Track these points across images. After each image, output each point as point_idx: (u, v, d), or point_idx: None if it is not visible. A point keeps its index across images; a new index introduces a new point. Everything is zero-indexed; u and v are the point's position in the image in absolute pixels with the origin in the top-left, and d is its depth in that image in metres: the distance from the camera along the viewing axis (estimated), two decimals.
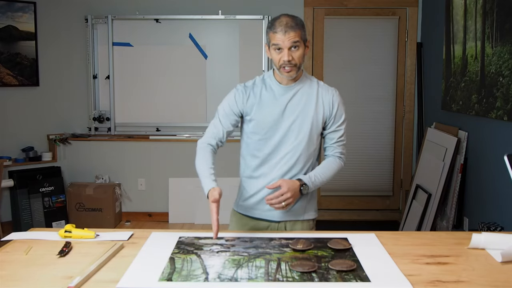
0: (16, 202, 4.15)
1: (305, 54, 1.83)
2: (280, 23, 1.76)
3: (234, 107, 1.89)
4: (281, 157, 1.86)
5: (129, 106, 4.52)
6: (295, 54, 1.77)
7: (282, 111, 1.85)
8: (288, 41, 1.75)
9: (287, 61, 1.76)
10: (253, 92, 1.88)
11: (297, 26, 1.76)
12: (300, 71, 1.87)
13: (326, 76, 4.55)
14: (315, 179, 1.82)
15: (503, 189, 2.85)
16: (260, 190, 1.90)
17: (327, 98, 1.89)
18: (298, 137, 1.85)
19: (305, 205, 1.94)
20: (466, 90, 3.30)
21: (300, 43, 1.77)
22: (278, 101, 1.86)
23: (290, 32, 1.74)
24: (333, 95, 1.91)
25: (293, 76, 1.82)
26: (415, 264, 1.49)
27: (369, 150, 4.59)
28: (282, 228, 1.93)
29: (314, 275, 1.40)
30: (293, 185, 1.75)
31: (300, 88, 1.88)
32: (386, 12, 4.48)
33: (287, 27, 1.74)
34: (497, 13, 2.86)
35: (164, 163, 4.57)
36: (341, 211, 4.68)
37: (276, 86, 1.87)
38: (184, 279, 1.37)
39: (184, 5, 4.46)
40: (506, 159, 1.55)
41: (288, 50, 1.76)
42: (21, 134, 4.35)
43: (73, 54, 4.50)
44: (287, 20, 1.76)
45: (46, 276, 1.40)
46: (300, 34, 1.77)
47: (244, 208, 1.96)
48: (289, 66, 1.78)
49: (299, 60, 1.79)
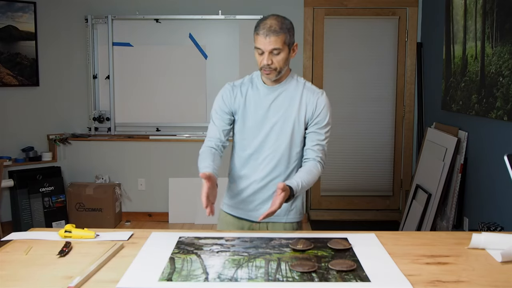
0: (16, 202, 4.15)
1: (290, 57, 1.81)
2: (264, 26, 1.73)
3: (223, 106, 1.90)
4: (263, 158, 1.86)
5: (129, 106, 4.52)
6: (275, 58, 1.76)
7: (265, 112, 1.85)
8: (268, 45, 1.73)
9: (266, 64, 1.76)
10: (240, 91, 1.89)
11: (281, 30, 1.73)
12: (285, 72, 1.84)
13: (326, 76, 4.55)
14: (301, 186, 1.74)
15: (503, 189, 2.85)
16: (244, 190, 1.90)
17: (312, 100, 1.84)
18: (279, 139, 1.84)
19: (287, 207, 1.91)
20: (466, 90, 3.30)
21: (282, 48, 1.74)
22: (262, 102, 1.86)
23: (272, 37, 1.72)
24: (318, 97, 1.84)
25: (273, 79, 1.81)
26: (415, 264, 1.49)
27: (369, 150, 4.59)
28: (264, 228, 1.92)
29: (314, 275, 1.40)
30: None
31: (284, 90, 1.86)
32: (386, 12, 4.48)
33: (270, 31, 1.72)
34: (497, 13, 2.86)
35: (164, 163, 4.57)
36: (341, 211, 4.68)
37: (262, 86, 1.87)
38: (184, 279, 1.37)
39: (184, 5, 4.46)
40: (506, 159, 1.55)
41: (269, 54, 1.75)
42: (21, 134, 4.35)
43: (73, 54, 4.50)
44: (271, 23, 1.73)
45: (46, 276, 1.40)
46: (283, 39, 1.73)
47: (228, 207, 1.98)
48: (269, 70, 1.78)
49: (279, 64, 1.77)
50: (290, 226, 1.94)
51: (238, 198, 1.94)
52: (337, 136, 4.59)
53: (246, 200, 1.92)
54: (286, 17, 1.82)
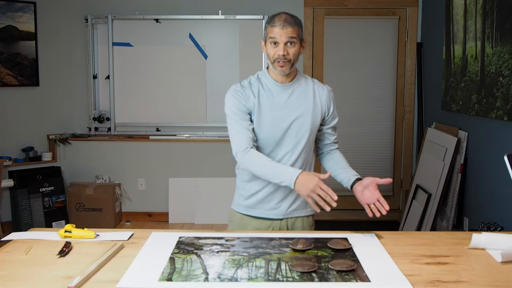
0: (16, 202, 4.15)
1: (300, 53, 1.85)
2: (279, 18, 1.79)
3: (240, 106, 1.83)
4: (282, 156, 1.86)
5: (129, 106, 4.52)
6: (290, 50, 1.79)
7: (281, 110, 1.84)
8: (285, 35, 1.77)
9: (281, 55, 1.78)
10: (252, 92, 1.86)
11: (295, 23, 1.80)
12: (294, 69, 1.88)
13: (326, 76, 4.55)
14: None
15: (503, 189, 2.85)
16: (262, 189, 1.89)
17: (324, 96, 1.93)
18: (297, 136, 1.86)
19: (304, 200, 1.93)
20: (466, 90, 3.30)
21: (296, 40, 1.80)
22: (276, 101, 1.85)
23: (288, 27, 1.77)
24: (328, 92, 1.96)
25: (286, 72, 1.82)
26: (415, 264, 1.49)
27: (369, 150, 4.59)
28: (284, 227, 1.92)
29: (314, 275, 1.40)
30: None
31: (297, 87, 1.89)
32: (386, 12, 4.48)
33: (286, 22, 1.77)
34: (497, 13, 2.86)
35: (164, 163, 4.57)
36: (341, 211, 4.67)
37: (273, 85, 1.87)
38: (184, 279, 1.37)
39: (184, 5, 4.46)
40: (506, 159, 1.55)
41: (284, 45, 1.78)
42: (21, 134, 4.35)
43: (73, 54, 4.50)
44: (286, 16, 1.80)
45: (46, 276, 1.40)
46: (297, 31, 1.80)
47: (244, 208, 1.95)
48: (283, 61, 1.79)
49: (294, 57, 1.81)
50: (307, 221, 1.98)
51: (255, 198, 1.91)
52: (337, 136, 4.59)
53: (265, 200, 1.90)
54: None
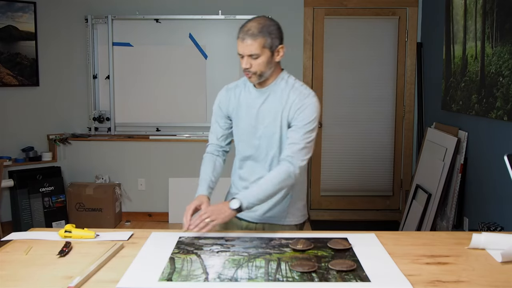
0: (16, 202, 4.15)
1: (273, 60, 1.75)
2: (243, 30, 1.72)
3: (219, 110, 1.94)
4: (260, 160, 1.86)
5: (129, 106, 4.52)
6: (254, 62, 1.72)
7: (256, 115, 1.83)
8: (245, 49, 1.71)
9: (244, 68, 1.74)
10: (234, 94, 1.89)
11: (260, 33, 1.69)
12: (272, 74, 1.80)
13: (326, 76, 4.55)
14: (252, 196, 1.71)
15: (503, 189, 2.85)
16: (242, 191, 1.89)
17: (296, 101, 1.76)
18: (270, 142, 1.83)
19: (285, 209, 1.90)
20: (466, 90, 3.30)
21: (260, 52, 1.70)
22: (252, 105, 1.84)
23: (248, 40, 1.69)
24: (303, 98, 1.77)
25: (255, 82, 1.79)
26: (415, 264, 1.49)
27: (369, 150, 4.59)
28: (260, 229, 1.92)
29: (314, 275, 1.40)
30: (216, 207, 1.71)
31: (272, 92, 1.81)
32: (386, 12, 4.48)
33: (247, 35, 1.69)
34: (497, 13, 2.86)
35: (164, 163, 4.57)
36: (341, 211, 4.68)
37: (253, 89, 1.86)
38: (184, 279, 1.38)
39: (184, 5, 4.46)
40: (506, 159, 1.55)
41: (248, 57, 1.72)
42: (21, 134, 4.34)
43: (73, 54, 4.50)
44: (251, 26, 1.71)
45: (46, 276, 1.40)
46: (262, 42, 1.69)
47: None
48: (249, 73, 1.75)
49: (259, 68, 1.73)
50: (289, 229, 1.93)
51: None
52: (337, 136, 4.60)
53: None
54: (273, 20, 1.77)
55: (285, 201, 1.89)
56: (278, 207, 1.89)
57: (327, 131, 4.59)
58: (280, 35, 1.77)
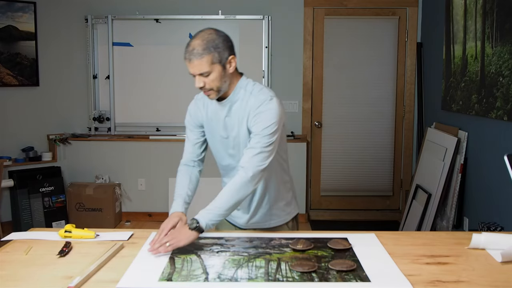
0: (16, 202, 4.15)
1: (227, 73, 1.69)
2: (188, 50, 1.66)
3: (190, 120, 1.91)
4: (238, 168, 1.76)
5: (129, 106, 4.52)
6: (207, 80, 1.66)
7: (223, 127, 1.80)
8: (193, 69, 1.67)
9: (198, 87, 1.69)
10: (203, 104, 1.85)
11: (204, 51, 1.63)
12: (230, 85, 1.74)
13: (326, 76, 4.55)
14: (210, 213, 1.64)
15: (503, 189, 2.85)
16: None
17: (254, 107, 1.70)
18: (240, 152, 1.78)
19: (267, 212, 1.87)
20: (466, 90, 3.30)
21: (210, 70, 1.65)
22: (218, 117, 1.80)
23: (194, 61, 1.64)
24: (261, 104, 1.69)
25: (214, 98, 1.74)
26: (415, 264, 1.49)
27: (369, 150, 4.59)
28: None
29: (314, 275, 1.40)
30: (177, 230, 1.64)
31: (233, 103, 1.76)
32: (386, 12, 4.48)
33: (193, 54, 1.64)
34: (497, 13, 2.86)
35: (164, 163, 4.56)
36: (341, 211, 4.68)
37: (215, 102, 1.80)
38: (184, 279, 1.38)
39: (184, 5, 4.46)
40: (506, 159, 1.55)
41: (199, 76, 1.67)
42: (21, 134, 4.34)
43: (73, 54, 4.50)
44: (195, 44, 1.65)
45: (46, 276, 1.40)
46: (209, 60, 1.64)
47: None
48: (206, 91, 1.71)
49: (214, 84, 1.67)
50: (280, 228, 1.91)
51: None
52: (337, 136, 4.60)
53: None
54: (218, 32, 1.70)
55: (264, 205, 1.86)
56: (260, 213, 1.87)
57: (327, 131, 4.59)
58: (228, 46, 1.70)
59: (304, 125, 4.57)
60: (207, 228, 1.62)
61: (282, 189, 1.89)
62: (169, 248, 1.56)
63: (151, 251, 1.56)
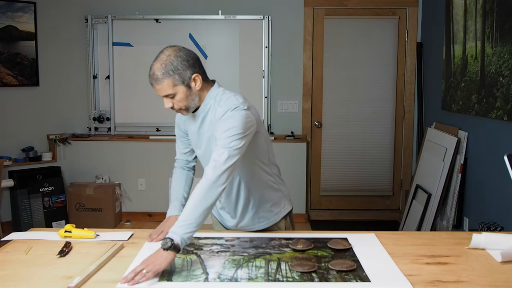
0: (16, 202, 4.15)
1: (193, 91, 1.67)
2: (150, 74, 1.65)
3: (177, 127, 1.95)
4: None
5: (129, 106, 4.52)
6: (174, 100, 1.66)
7: (199, 138, 1.80)
8: (159, 92, 1.66)
9: (169, 108, 1.69)
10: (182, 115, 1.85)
11: (164, 75, 1.61)
12: (200, 99, 1.72)
13: (326, 76, 4.55)
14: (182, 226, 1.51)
15: (503, 189, 2.85)
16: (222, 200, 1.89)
17: (218, 115, 1.67)
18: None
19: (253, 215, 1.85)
20: (466, 90, 3.30)
21: (173, 92, 1.63)
22: (193, 129, 1.81)
23: (156, 86, 1.64)
24: (225, 111, 1.65)
25: (187, 114, 1.75)
26: (415, 264, 1.49)
27: (369, 150, 4.59)
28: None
29: (314, 275, 1.40)
30: (151, 255, 1.46)
31: (205, 115, 1.74)
32: (386, 12, 4.48)
33: (153, 79, 1.64)
34: (497, 13, 2.86)
35: (164, 163, 4.56)
36: (341, 211, 4.68)
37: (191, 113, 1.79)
38: (184, 279, 1.38)
39: (184, 5, 4.46)
40: (506, 159, 1.55)
41: (166, 98, 1.66)
42: (21, 134, 4.34)
43: (73, 54, 4.50)
44: (155, 69, 1.64)
45: (46, 276, 1.40)
46: (170, 83, 1.62)
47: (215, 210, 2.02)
48: (176, 110, 1.72)
49: (182, 104, 1.67)
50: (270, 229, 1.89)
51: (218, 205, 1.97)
52: (337, 136, 4.59)
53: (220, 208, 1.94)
54: (178, 51, 1.66)
55: (250, 210, 1.84)
56: (247, 217, 1.85)
57: (327, 131, 4.60)
58: (190, 64, 1.65)
59: (304, 125, 4.57)
60: (183, 243, 1.47)
61: (267, 191, 1.86)
62: (149, 274, 1.37)
63: (127, 282, 1.35)
